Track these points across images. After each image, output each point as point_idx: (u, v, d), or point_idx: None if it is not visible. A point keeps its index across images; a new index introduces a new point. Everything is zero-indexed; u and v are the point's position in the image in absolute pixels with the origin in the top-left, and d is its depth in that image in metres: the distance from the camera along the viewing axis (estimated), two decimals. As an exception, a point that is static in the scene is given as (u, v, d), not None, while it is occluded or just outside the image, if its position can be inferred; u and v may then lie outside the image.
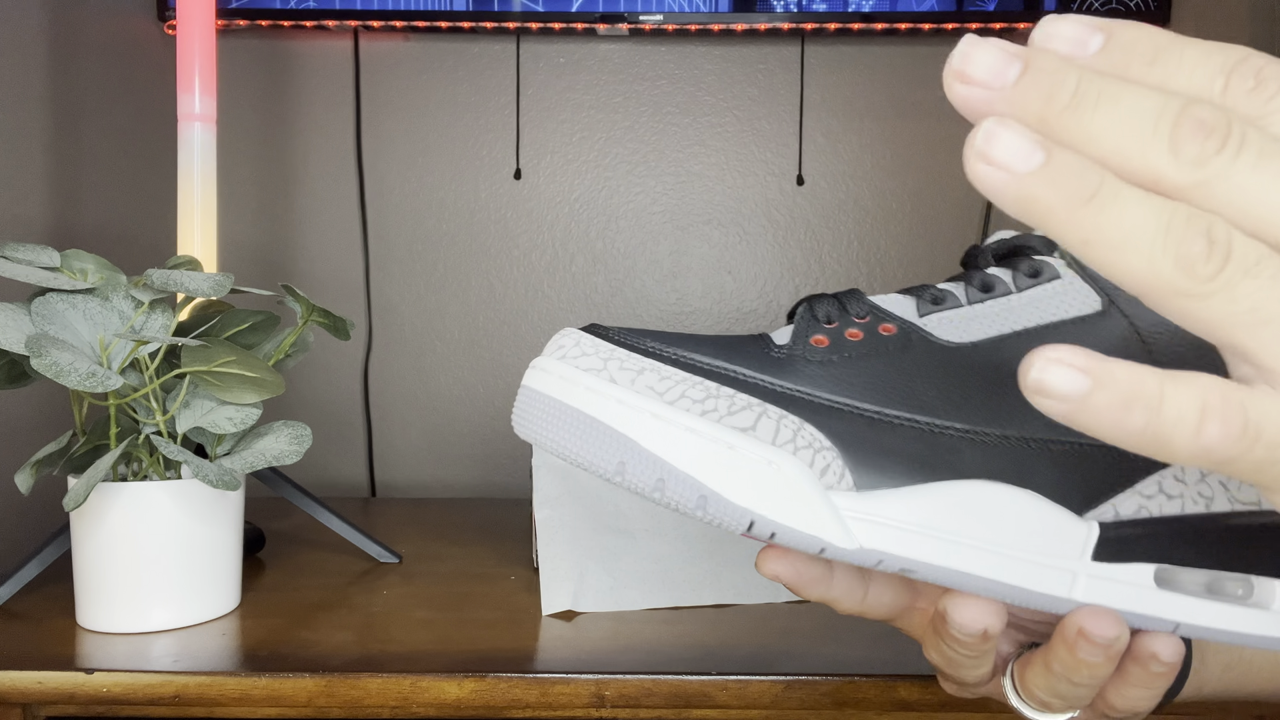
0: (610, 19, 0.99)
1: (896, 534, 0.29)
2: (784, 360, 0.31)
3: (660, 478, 0.28)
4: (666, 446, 0.28)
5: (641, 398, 0.29)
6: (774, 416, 0.29)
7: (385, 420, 1.08)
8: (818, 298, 0.34)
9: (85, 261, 0.61)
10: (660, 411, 0.29)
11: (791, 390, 0.30)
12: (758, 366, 0.31)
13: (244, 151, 1.06)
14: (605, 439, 0.29)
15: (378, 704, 0.53)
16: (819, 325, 0.33)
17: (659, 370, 0.30)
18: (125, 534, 0.58)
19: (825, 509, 0.29)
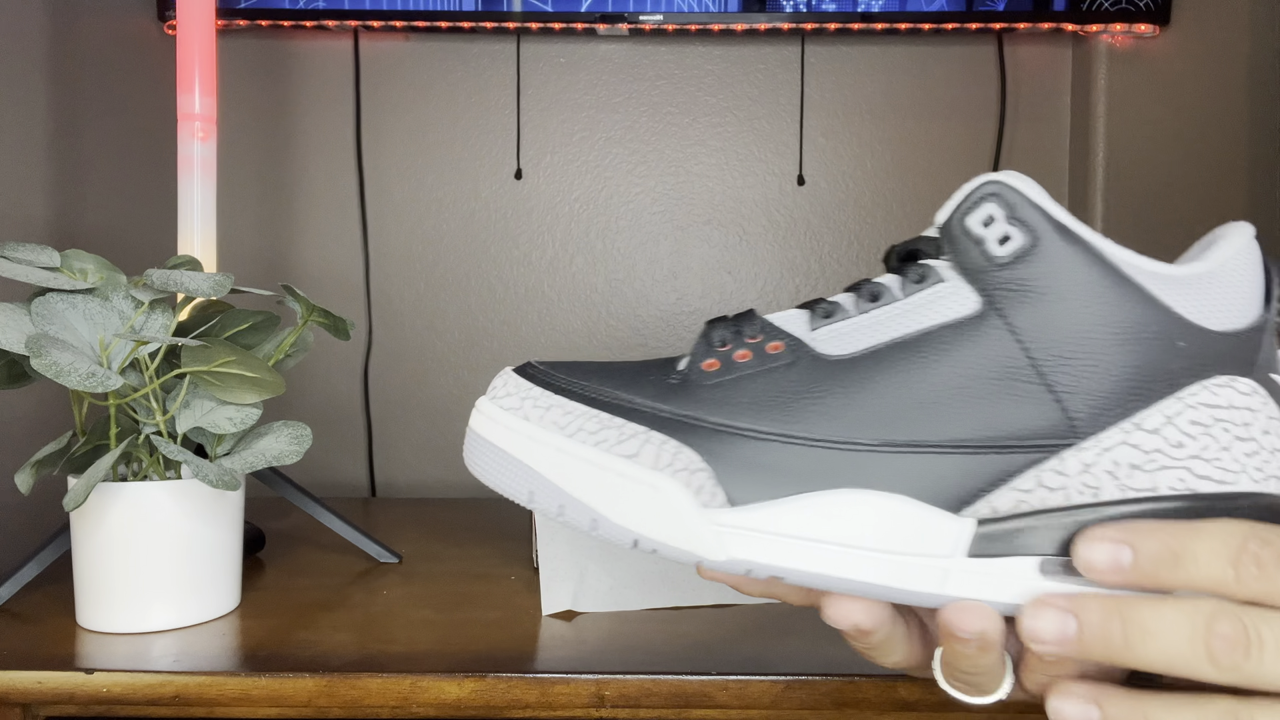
0: (610, 19, 0.99)
1: (765, 543, 0.31)
2: (678, 386, 0.34)
3: (561, 504, 0.32)
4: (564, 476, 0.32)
5: (547, 432, 0.33)
6: (656, 442, 0.32)
7: (385, 420, 1.08)
8: (716, 321, 0.36)
9: (85, 261, 0.61)
10: (561, 445, 0.33)
11: (677, 415, 0.33)
12: (653, 395, 0.34)
13: (244, 151, 1.06)
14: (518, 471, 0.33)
15: (378, 704, 0.53)
16: (712, 350, 0.35)
17: (564, 406, 0.33)
18: (125, 534, 0.58)
19: (698, 525, 0.31)
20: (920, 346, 0.33)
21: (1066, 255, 0.32)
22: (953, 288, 0.34)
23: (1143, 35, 1.02)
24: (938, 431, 0.32)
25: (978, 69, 1.06)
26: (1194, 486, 0.31)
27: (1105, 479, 0.31)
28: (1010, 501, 0.32)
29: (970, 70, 1.06)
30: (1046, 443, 0.32)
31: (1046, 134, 1.07)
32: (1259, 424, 0.32)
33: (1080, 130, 1.06)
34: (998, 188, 0.33)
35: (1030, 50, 1.06)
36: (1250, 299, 0.33)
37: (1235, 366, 0.32)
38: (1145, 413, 0.32)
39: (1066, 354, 0.32)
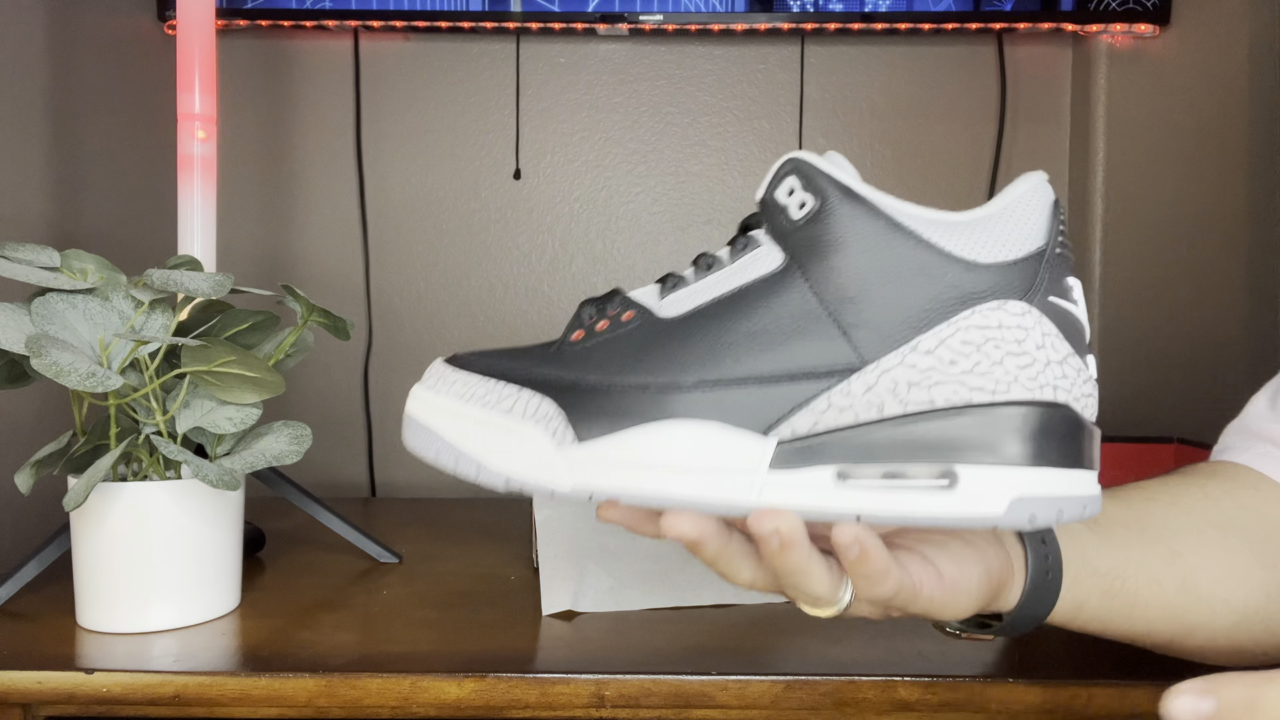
0: (610, 19, 0.99)
1: (602, 470, 0.37)
2: (553, 355, 0.40)
3: (455, 458, 0.39)
4: (456, 434, 0.39)
5: (447, 400, 0.40)
6: (525, 398, 0.39)
7: (385, 420, 1.08)
8: (586, 301, 0.42)
9: (85, 261, 0.61)
10: (457, 409, 0.40)
11: (545, 376, 0.40)
12: (532, 363, 0.40)
13: (244, 151, 1.06)
14: (427, 436, 0.40)
15: (378, 704, 0.53)
16: (581, 323, 0.41)
17: (464, 379, 0.41)
18: (125, 534, 0.58)
19: (552, 461, 0.38)
20: (735, 301, 0.39)
21: (849, 212, 0.38)
22: (766, 250, 0.39)
23: (1143, 35, 1.02)
24: (744, 369, 0.37)
25: (978, 69, 1.06)
26: (968, 398, 0.36)
27: (887, 397, 0.36)
28: (808, 422, 0.37)
29: (970, 70, 1.06)
30: (837, 370, 0.37)
31: (1046, 134, 1.07)
32: (1032, 340, 0.36)
33: (1080, 130, 1.06)
34: (795, 163, 0.39)
35: (1030, 50, 1.06)
36: (1027, 235, 0.38)
37: (1007, 292, 0.37)
38: (921, 338, 0.36)
39: (850, 295, 0.37)
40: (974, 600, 0.42)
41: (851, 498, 0.36)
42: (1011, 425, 0.35)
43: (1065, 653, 0.57)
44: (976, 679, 0.53)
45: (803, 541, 0.36)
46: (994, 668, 0.54)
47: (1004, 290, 0.37)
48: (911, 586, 0.39)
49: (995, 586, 0.43)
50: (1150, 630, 0.48)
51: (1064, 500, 0.36)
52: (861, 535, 0.36)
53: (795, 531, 0.36)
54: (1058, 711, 0.53)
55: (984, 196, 1.07)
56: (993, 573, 0.42)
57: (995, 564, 0.42)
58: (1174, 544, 0.47)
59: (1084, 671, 0.54)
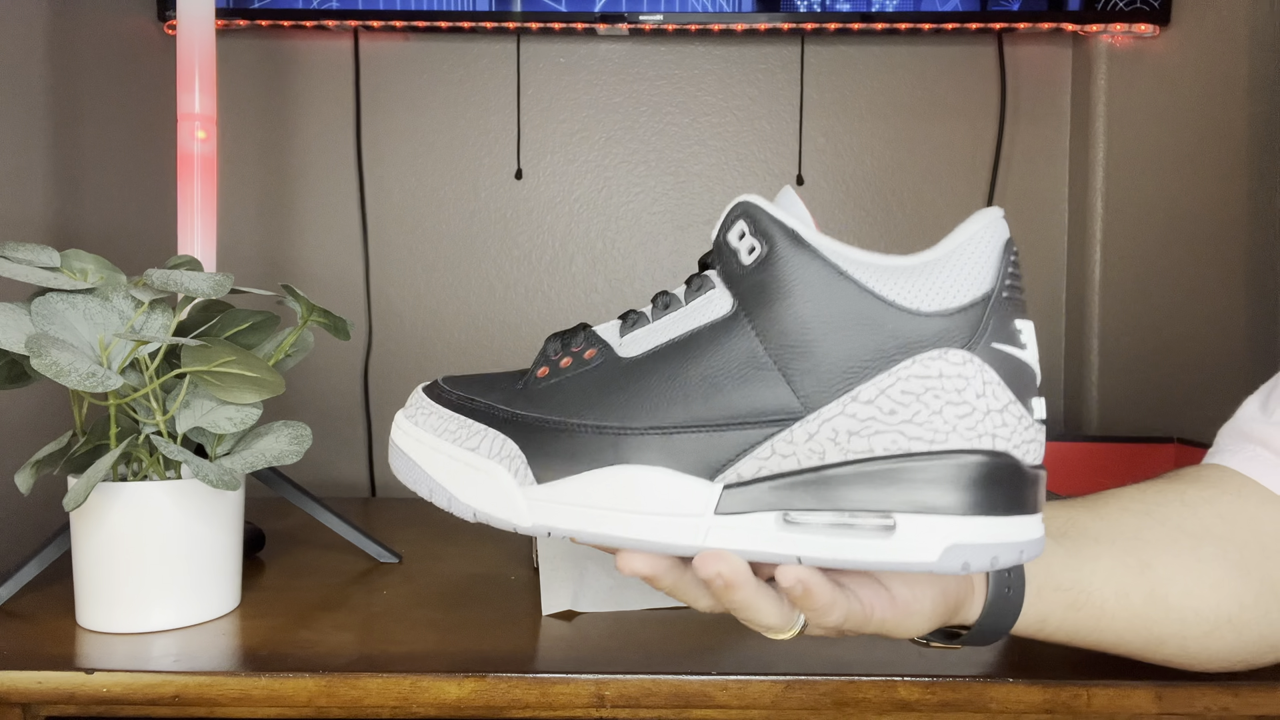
0: (610, 19, 0.99)
1: (560, 510, 0.39)
2: (520, 391, 0.42)
3: (430, 488, 0.42)
4: (433, 467, 0.42)
5: (425, 434, 0.42)
6: (491, 437, 0.41)
7: (385, 420, 1.08)
8: (553, 336, 0.43)
9: (85, 261, 0.61)
10: (433, 443, 0.42)
11: (511, 413, 0.41)
12: (499, 399, 0.42)
13: (244, 151, 1.06)
14: (409, 466, 0.42)
15: (378, 704, 0.53)
16: (546, 359, 0.42)
17: (439, 413, 0.43)
18: (125, 534, 0.58)
19: (515, 499, 0.40)
20: (687, 345, 0.40)
21: (795, 259, 0.38)
22: (719, 293, 0.40)
23: (1143, 35, 1.02)
24: (691, 415, 0.38)
25: (978, 69, 1.06)
26: (906, 447, 0.36)
27: (828, 444, 0.37)
28: (753, 468, 0.38)
29: (970, 70, 1.06)
30: (780, 418, 0.38)
31: (1046, 134, 1.07)
32: (972, 389, 0.37)
33: (1080, 130, 1.06)
34: (745, 207, 0.39)
35: (1030, 50, 1.06)
36: (972, 280, 0.37)
37: (949, 340, 0.37)
38: (861, 387, 0.37)
39: (792, 343, 0.38)
40: (928, 620, 0.43)
41: (794, 541, 0.37)
42: (947, 475, 0.36)
43: (1065, 653, 0.57)
44: (976, 679, 0.53)
45: (746, 582, 0.38)
46: (994, 668, 0.54)
47: (946, 339, 0.37)
48: (861, 612, 0.40)
49: (952, 604, 0.44)
50: (1119, 641, 0.48)
51: (999, 547, 0.37)
52: (803, 576, 0.37)
53: (737, 574, 0.37)
54: (1058, 711, 0.53)
55: (984, 196, 1.07)
56: (949, 592, 0.43)
57: (951, 584, 0.43)
58: (1144, 555, 0.48)
59: (1084, 671, 0.54)
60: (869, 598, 0.41)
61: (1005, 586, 0.45)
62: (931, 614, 0.43)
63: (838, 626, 0.40)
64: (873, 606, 0.41)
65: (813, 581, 0.38)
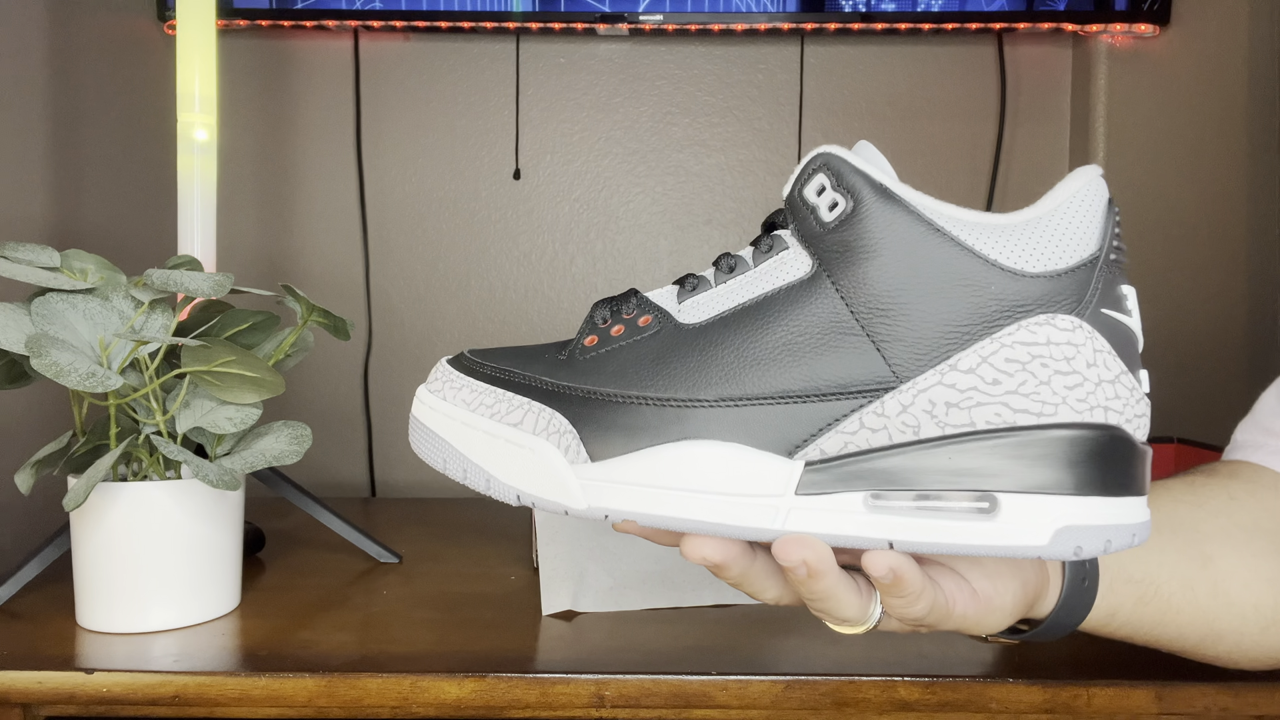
0: (610, 19, 0.99)
1: (618, 491, 0.35)
2: (564, 361, 0.38)
3: (464, 468, 0.37)
4: (467, 445, 0.37)
5: (456, 409, 0.38)
6: (535, 411, 0.37)
7: (385, 420, 1.08)
8: (601, 302, 0.39)
9: (85, 261, 0.61)
10: (466, 418, 0.38)
11: (556, 386, 0.37)
12: (542, 369, 0.38)
13: (244, 151, 1.06)
14: (437, 444, 0.38)
15: (378, 704, 0.53)
16: (594, 327, 0.39)
17: (472, 386, 0.38)
18: (125, 534, 0.58)
19: (565, 479, 0.36)
20: (760, 310, 0.36)
21: (885, 215, 0.35)
22: (793, 254, 0.36)
23: (1143, 35, 1.02)
24: (770, 385, 0.35)
25: (978, 69, 1.06)
26: (1011, 420, 0.33)
27: (924, 418, 0.34)
28: (838, 444, 0.34)
29: (970, 70, 1.06)
30: (869, 389, 0.34)
31: (1046, 134, 1.07)
32: (1083, 357, 0.34)
33: (1080, 130, 1.06)
34: (826, 158, 0.36)
35: (1030, 50, 1.06)
36: (1079, 240, 0.35)
37: (1056, 305, 0.34)
38: (961, 354, 0.34)
39: (885, 306, 0.34)
40: (1009, 615, 0.40)
41: (884, 524, 0.34)
42: (1058, 450, 0.33)
43: (1065, 653, 0.57)
44: (976, 679, 0.53)
45: (830, 569, 0.35)
46: (994, 668, 0.54)
47: (1052, 302, 0.34)
48: (944, 605, 0.38)
49: (1031, 597, 0.41)
50: (1180, 635, 0.47)
51: (1112, 529, 0.34)
52: (895, 563, 0.34)
53: (823, 561, 0.34)
54: (1058, 711, 0.53)
55: (984, 196, 1.07)
56: (1029, 586, 0.41)
57: (1032, 576, 0.41)
58: (1205, 548, 0.47)
59: (1084, 671, 0.54)
60: (951, 591, 0.38)
61: (1082, 578, 0.43)
62: (1013, 608, 0.40)
63: (919, 619, 0.37)
64: (954, 600, 0.38)
65: (905, 568, 0.34)
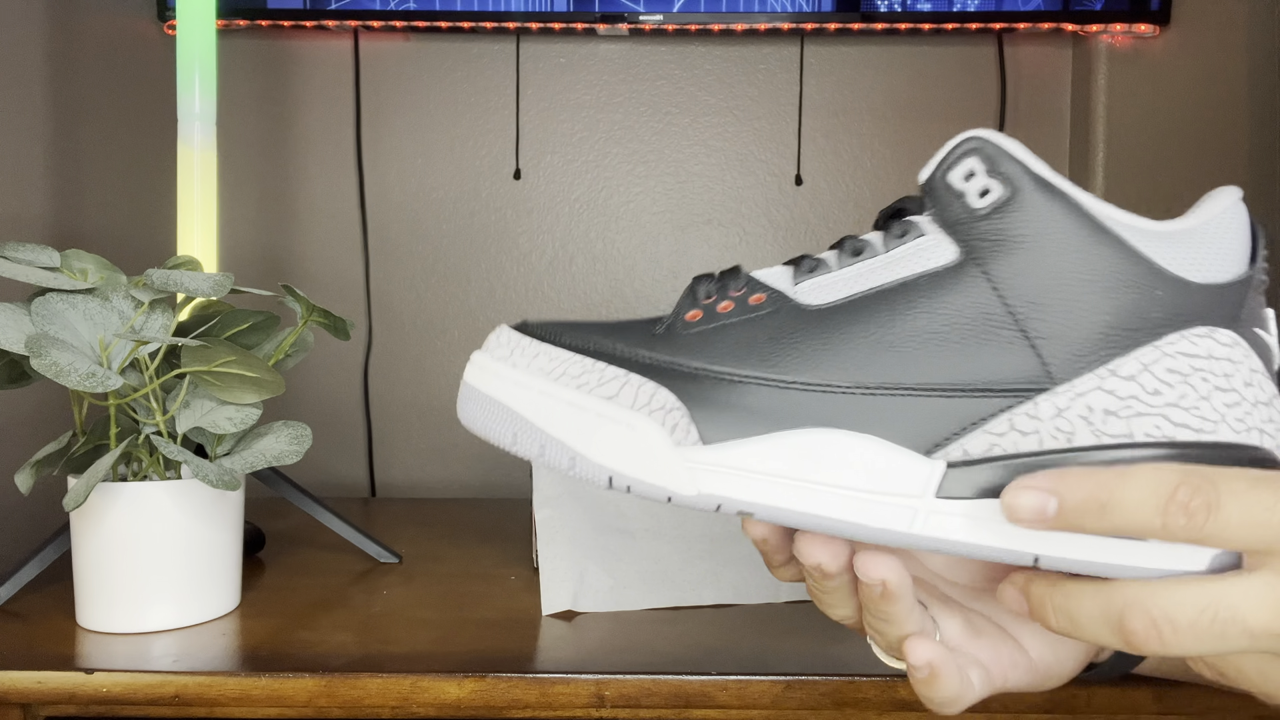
0: (610, 19, 0.99)
1: (732, 479, 0.32)
2: (662, 335, 0.35)
3: (542, 445, 0.33)
4: (545, 418, 0.33)
5: (532, 377, 0.34)
6: (635, 384, 0.33)
7: (385, 420, 1.08)
8: (702, 277, 0.37)
9: (85, 261, 0.61)
10: (544, 388, 0.33)
11: (657, 360, 0.34)
12: (637, 343, 0.34)
13: (244, 151, 1.06)
14: (503, 415, 0.34)
15: (378, 704, 0.53)
16: (696, 302, 0.36)
17: (550, 353, 0.34)
18: (125, 534, 0.58)
19: (671, 462, 0.32)
20: (898, 295, 0.34)
21: (1044, 206, 0.33)
22: (933, 240, 0.34)
23: (1143, 35, 1.02)
24: (910, 375, 0.32)
25: (978, 69, 1.06)
26: (1171, 434, 0.31)
27: (1079, 424, 0.32)
28: (983, 444, 0.32)
29: (970, 70, 1.06)
30: (1021, 388, 0.32)
31: (1046, 134, 1.07)
32: (1240, 375, 0.32)
33: (1080, 130, 1.06)
34: (978, 143, 0.34)
35: (1030, 50, 1.06)
36: (1234, 255, 0.33)
37: (1216, 318, 0.32)
38: (1122, 360, 0.32)
39: (1043, 301, 0.32)
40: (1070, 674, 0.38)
41: (1030, 537, 0.31)
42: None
43: (1065, 653, 0.57)
44: (976, 679, 0.53)
45: (906, 594, 0.33)
46: (994, 668, 0.54)
47: (1212, 316, 0.32)
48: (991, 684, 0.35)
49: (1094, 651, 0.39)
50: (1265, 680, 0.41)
51: None
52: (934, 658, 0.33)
53: (901, 586, 0.33)
54: (1058, 711, 0.53)
55: (984, 196, 1.07)
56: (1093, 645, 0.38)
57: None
58: None
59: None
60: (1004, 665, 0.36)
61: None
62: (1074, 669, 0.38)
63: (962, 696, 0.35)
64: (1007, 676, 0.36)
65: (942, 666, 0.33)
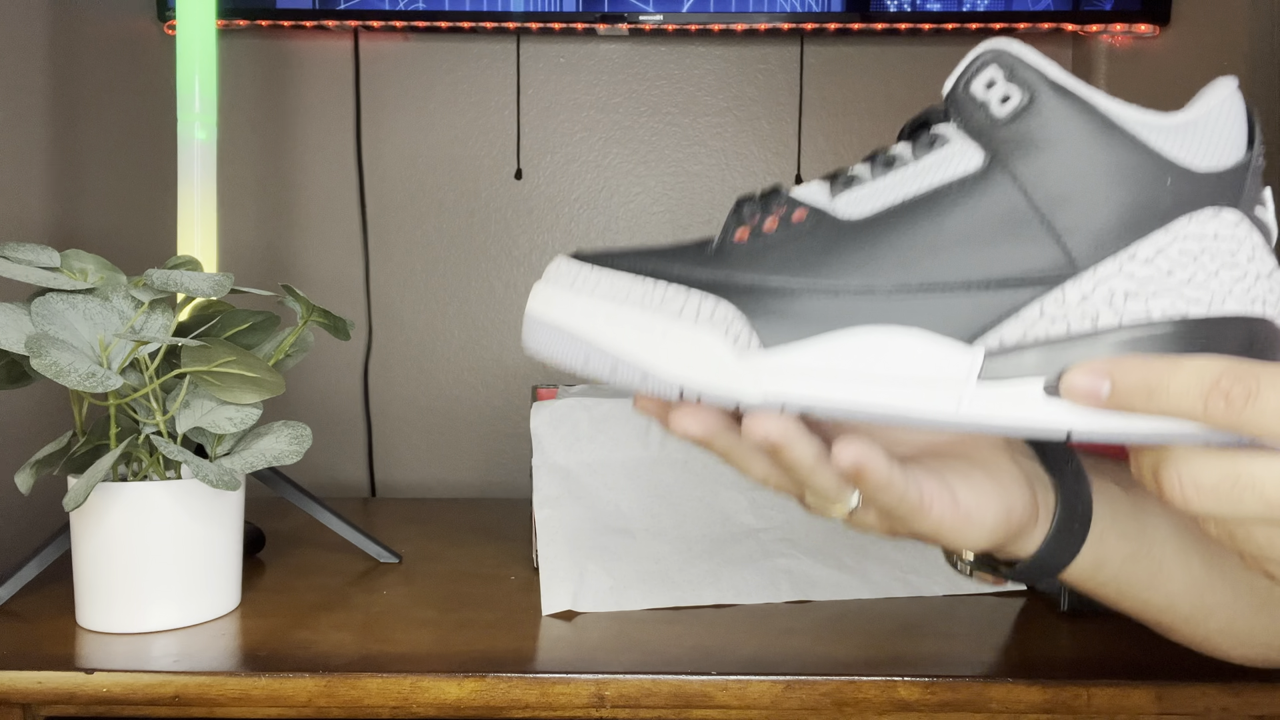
0: (610, 19, 0.99)
1: (795, 379, 0.35)
2: (713, 255, 0.37)
3: (613, 365, 0.36)
4: (614, 340, 0.36)
5: (597, 302, 0.36)
6: (695, 299, 0.36)
7: (385, 420, 1.08)
8: (745, 198, 0.39)
9: (85, 261, 0.61)
10: (611, 311, 0.36)
11: (713, 278, 0.36)
12: (692, 262, 0.37)
13: (244, 151, 1.06)
14: (571, 342, 0.36)
15: (378, 704, 0.53)
16: (743, 222, 0.38)
17: (611, 278, 0.37)
18: (125, 534, 0.58)
19: (735, 368, 0.35)
20: (932, 201, 0.36)
21: (1062, 108, 0.35)
22: (960, 148, 0.36)
23: (1143, 35, 1.02)
24: (949, 273, 0.35)
25: (978, 69, 1.06)
26: (1185, 311, 0.34)
27: (1103, 307, 0.34)
28: (1017, 332, 0.35)
29: (970, 70, 1.06)
30: (1049, 277, 0.35)
31: (1046, 134, 1.07)
32: (1244, 251, 0.35)
33: (1080, 130, 1.06)
34: (997, 53, 0.36)
35: (1030, 50, 1.06)
36: (1233, 142, 0.36)
37: (1222, 199, 0.35)
38: (1138, 244, 0.35)
39: (1065, 195, 0.35)
40: (986, 534, 0.41)
41: (1062, 413, 0.34)
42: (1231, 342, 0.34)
43: (1065, 653, 0.57)
44: (976, 679, 0.53)
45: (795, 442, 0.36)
46: (994, 668, 0.55)
47: (1219, 198, 0.35)
48: (919, 502, 0.38)
49: (1014, 528, 0.42)
50: (1170, 604, 0.46)
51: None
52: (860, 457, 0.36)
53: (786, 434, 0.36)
54: (1058, 711, 0.53)
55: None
56: (1013, 513, 0.41)
57: (1018, 505, 0.42)
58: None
59: (1084, 671, 0.54)
60: (930, 491, 0.39)
61: (1073, 521, 0.43)
62: (992, 530, 0.41)
63: (892, 509, 0.38)
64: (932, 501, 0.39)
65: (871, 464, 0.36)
